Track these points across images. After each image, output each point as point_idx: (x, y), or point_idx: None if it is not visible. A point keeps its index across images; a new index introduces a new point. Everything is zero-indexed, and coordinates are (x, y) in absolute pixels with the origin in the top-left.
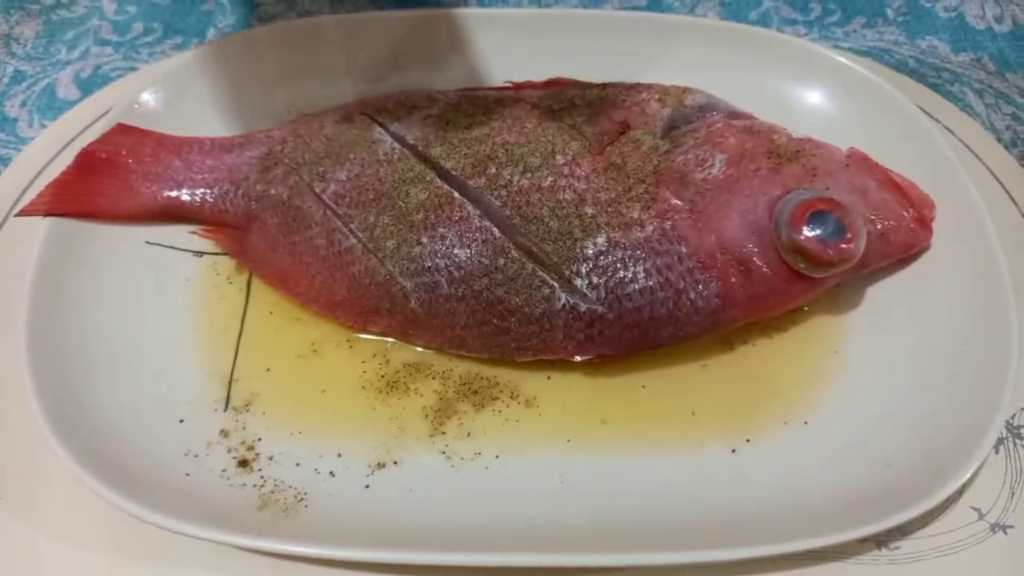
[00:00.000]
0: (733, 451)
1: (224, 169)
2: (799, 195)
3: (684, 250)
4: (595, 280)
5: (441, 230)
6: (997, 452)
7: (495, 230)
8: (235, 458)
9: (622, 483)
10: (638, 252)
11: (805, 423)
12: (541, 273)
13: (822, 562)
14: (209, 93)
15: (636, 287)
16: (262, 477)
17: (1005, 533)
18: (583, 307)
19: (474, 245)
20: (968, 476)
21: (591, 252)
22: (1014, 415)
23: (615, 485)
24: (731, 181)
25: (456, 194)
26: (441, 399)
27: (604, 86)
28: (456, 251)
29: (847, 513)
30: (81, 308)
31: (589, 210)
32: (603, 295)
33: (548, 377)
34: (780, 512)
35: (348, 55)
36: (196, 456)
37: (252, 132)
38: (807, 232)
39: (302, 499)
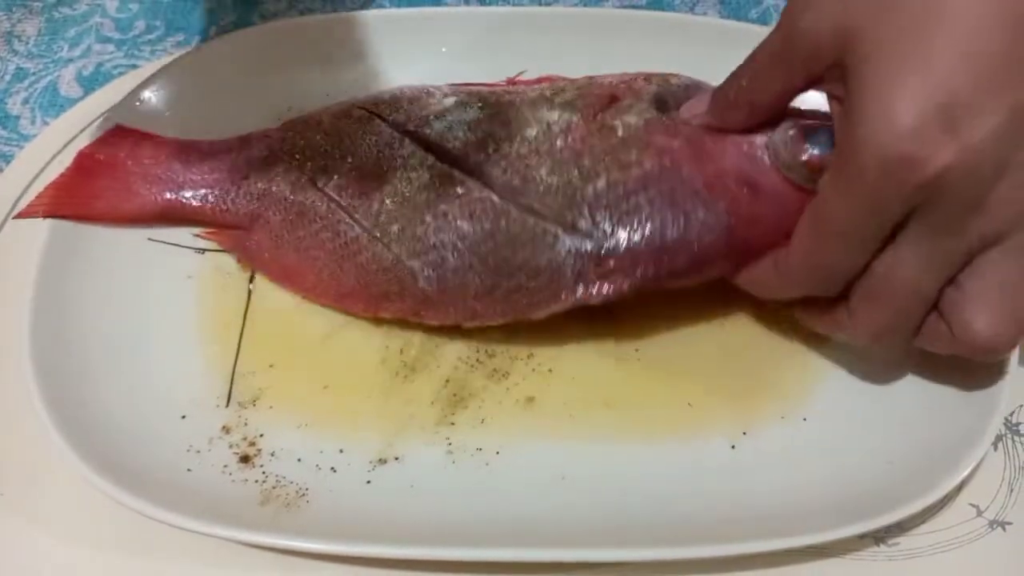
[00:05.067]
0: (733, 447)
1: (224, 169)
2: (793, 122)
3: (686, 173)
4: (598, 217)
5: (443, 207)
6: (996, 449)
7: (494, 197)
8: (237, 454)
9: (622, 479)
10: (640, 185)
11: (804, 419)
12: (543, 224)
13: (820, 558)
14: (211, 91)
15: (642, 215)
16: (264, 473)
17: (1004, 530)
18: (589, 245)
19: (476, 214)
20: (967, 473)
21: (591, 194)
22: (1013, 412)
23: (615, 482)
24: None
25: (456, 172)
26: (439, 395)
27: (592, 77)
28: (459, 223)
29: (845, 509)
30: (84, 305)
31: (587, 162)
32: (609, 230)
33: (550, 370)
34: (778, 508)
35: (350, 53)
36: (198, 452)
37: (250, 133)
38: (809, 148)
39: (304, 495)
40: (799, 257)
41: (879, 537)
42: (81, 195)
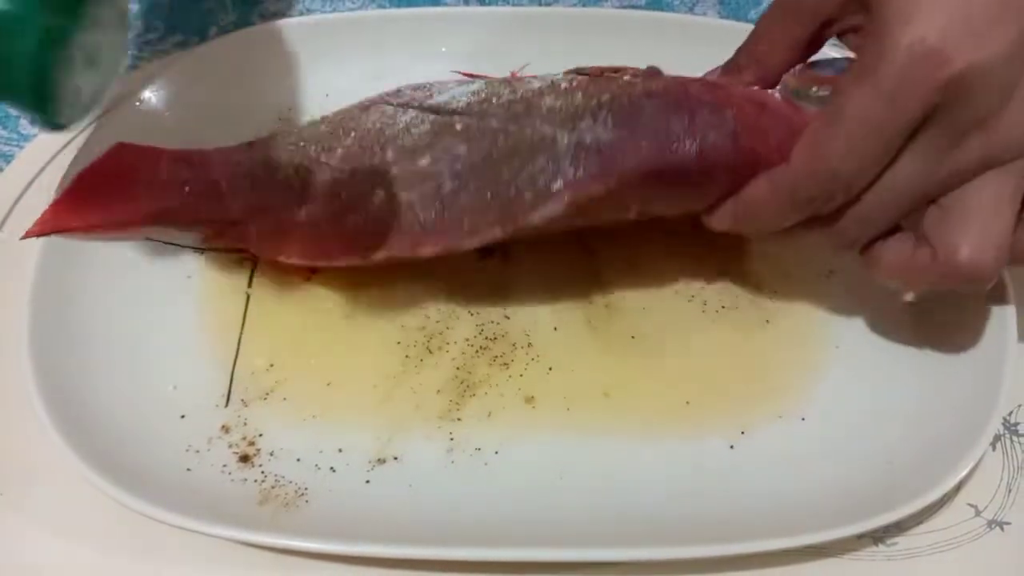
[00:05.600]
0: (731, 447)
1: (228, 164)
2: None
3: (694, 90)
4: (601, 115)
5: (441, 143)
6: (994, 449)
7: (494, 121)
8: (236, 453)
9: (621, 479)
10: (645, 95)
11: (802, 419)
12: (543, 131)
13: (819, 558)
14: (211, 91)
15: (647, 112)
16: (263, 472)
17: (1002, 529)
18: (588, 138)
19: (474, 139)
20: (965, 473)
21: (595, 104)
22: (1011, 412)
23: (614, 482)
24: None
25: (457, 117)
26: (447, 384)
27: None
28: (457, 150)
29: (844, 509)
30: (83, 305)
31: (592, 89)
32: (611, 124)
33: (550, 369)
34: (776, 508)
35: (350, 53)
36: (197, 451)
37: (252, 141)
38: (819, 71)
39: (303, 494)
40: (806, 160)
41: (878, 537)
42: (84, 210)
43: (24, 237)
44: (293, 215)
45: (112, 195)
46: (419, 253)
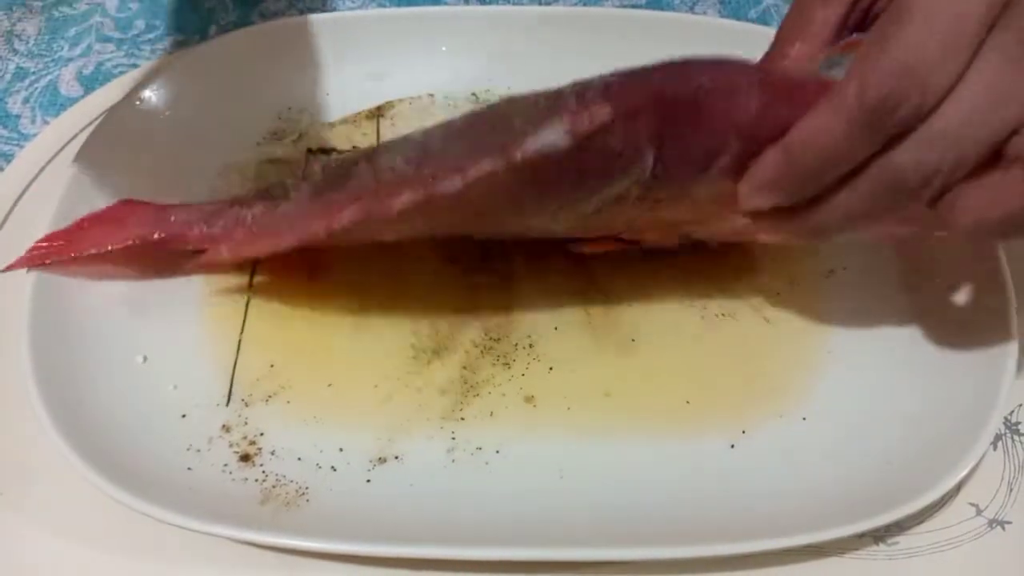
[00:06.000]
0: (732, 447)
1: (219, 205)
2: None
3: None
4: (615, 68)
5: (440, 131)
6: (995, 449)
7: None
8: (237, 453)
9: (621, 478)
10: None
11: (803, 418)
12: (543, 92)
13: (819, 557)
14: (211, 90)
15: (657, 63)
16: (263, 472)
17: (1003, 528)
18: (595, 81)
19: (468, 115)
20: (966, 472)
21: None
22: (1012, 411)
23: (614, 481)
24: None
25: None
26: (451, 384)
27: None
28: (450, 122)
29: (844, 509)
30: (83, 305)
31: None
32: (624, 71)
33: (550, 369)
34: (777, 507)
35: (350, 53)
36: (198, 451)
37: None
38: (848, 38)
39: (304, 493)
40: (875, 55)
41: (878, 536)
42: (69, 244)
43: (5, 269)
44: (273, 213)
45: (100, 235)
46: (393, 207)
